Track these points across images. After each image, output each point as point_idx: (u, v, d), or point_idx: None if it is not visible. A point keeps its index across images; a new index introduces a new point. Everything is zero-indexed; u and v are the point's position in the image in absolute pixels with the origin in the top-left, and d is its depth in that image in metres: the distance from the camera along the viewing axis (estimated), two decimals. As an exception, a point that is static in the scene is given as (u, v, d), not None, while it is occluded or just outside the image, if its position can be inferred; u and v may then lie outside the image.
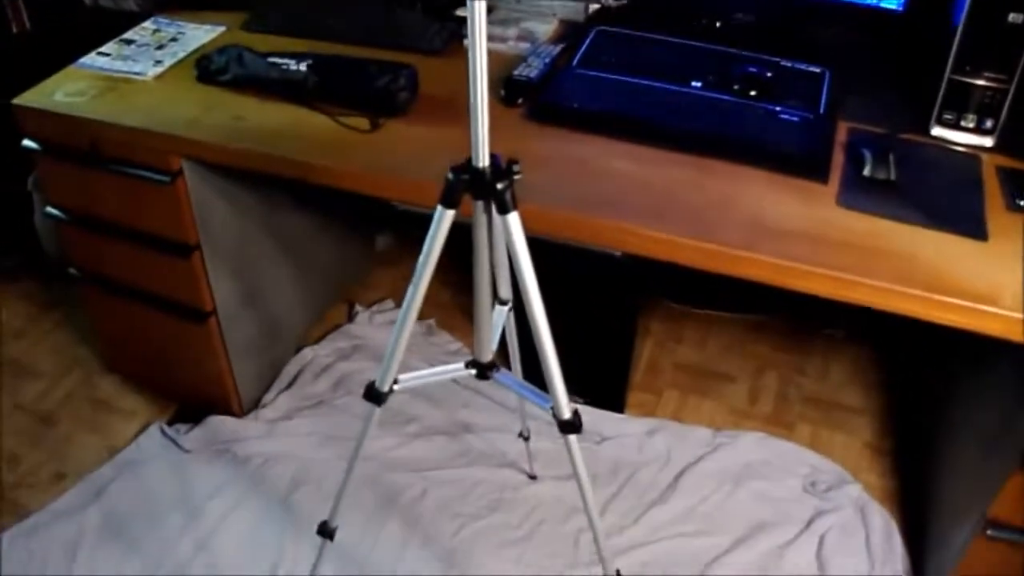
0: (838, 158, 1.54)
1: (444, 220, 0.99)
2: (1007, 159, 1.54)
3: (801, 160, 1.51)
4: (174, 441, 2.03)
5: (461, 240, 1.11)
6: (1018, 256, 1.34)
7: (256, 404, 2.14)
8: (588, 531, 1.90)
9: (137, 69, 1.76)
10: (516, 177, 0.98)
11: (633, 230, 1.36)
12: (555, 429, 2.03)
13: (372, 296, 2.50)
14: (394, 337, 1.10)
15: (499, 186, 0.97)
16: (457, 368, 1.24)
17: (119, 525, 1.86)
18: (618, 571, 1.24)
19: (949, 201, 1.45)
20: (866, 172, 1.47)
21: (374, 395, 1.15)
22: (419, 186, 1.45)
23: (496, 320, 1.27)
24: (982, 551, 1.53)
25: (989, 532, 1.50)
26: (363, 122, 1.59)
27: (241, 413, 2.09)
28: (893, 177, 1.46)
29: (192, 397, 2.10)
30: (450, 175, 0.97)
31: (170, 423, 2.09)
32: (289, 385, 2.20)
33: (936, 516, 1.80)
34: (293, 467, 2.00)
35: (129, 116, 1.63)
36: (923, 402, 2.15)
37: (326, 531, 1.48)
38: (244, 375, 2.04)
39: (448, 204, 0.98)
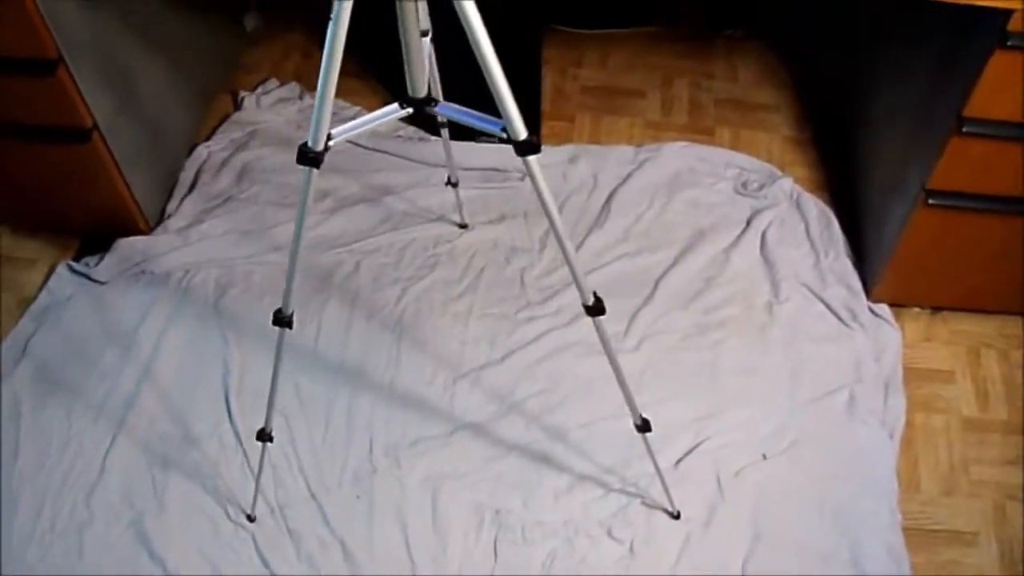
0: None
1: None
2: None
3: None
4: (86, 276, 1.85)
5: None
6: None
7: (162, 216, 1.97)
8: (532, 269, 1.89)
9: None
10: None
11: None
12: (476, 176, 1.99)
13: (253, 80, 2.27)
14: (321, 86, 0.95)
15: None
16: (392, 110, 1.10)
17: (54, 376, 1.71)
18: (594, 293, 1.20)
19: None
20: None
21: (309, 157, 1.02)
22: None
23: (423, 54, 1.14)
24: (925, 220, 1.61)
25: (931, 201, 1.56)
26: None
27: (149, 229, 1.92)
28: None
29: (94, 226, 1.90)
30: None
31: (76, 259, 1.90)
32: (191, 188, 2.02)
33: (871, 197, 1.87)
34: (215, 272, 1.88)
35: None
36: (841, 90, 2.16)
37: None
38: (142, 188, 1.85)
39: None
